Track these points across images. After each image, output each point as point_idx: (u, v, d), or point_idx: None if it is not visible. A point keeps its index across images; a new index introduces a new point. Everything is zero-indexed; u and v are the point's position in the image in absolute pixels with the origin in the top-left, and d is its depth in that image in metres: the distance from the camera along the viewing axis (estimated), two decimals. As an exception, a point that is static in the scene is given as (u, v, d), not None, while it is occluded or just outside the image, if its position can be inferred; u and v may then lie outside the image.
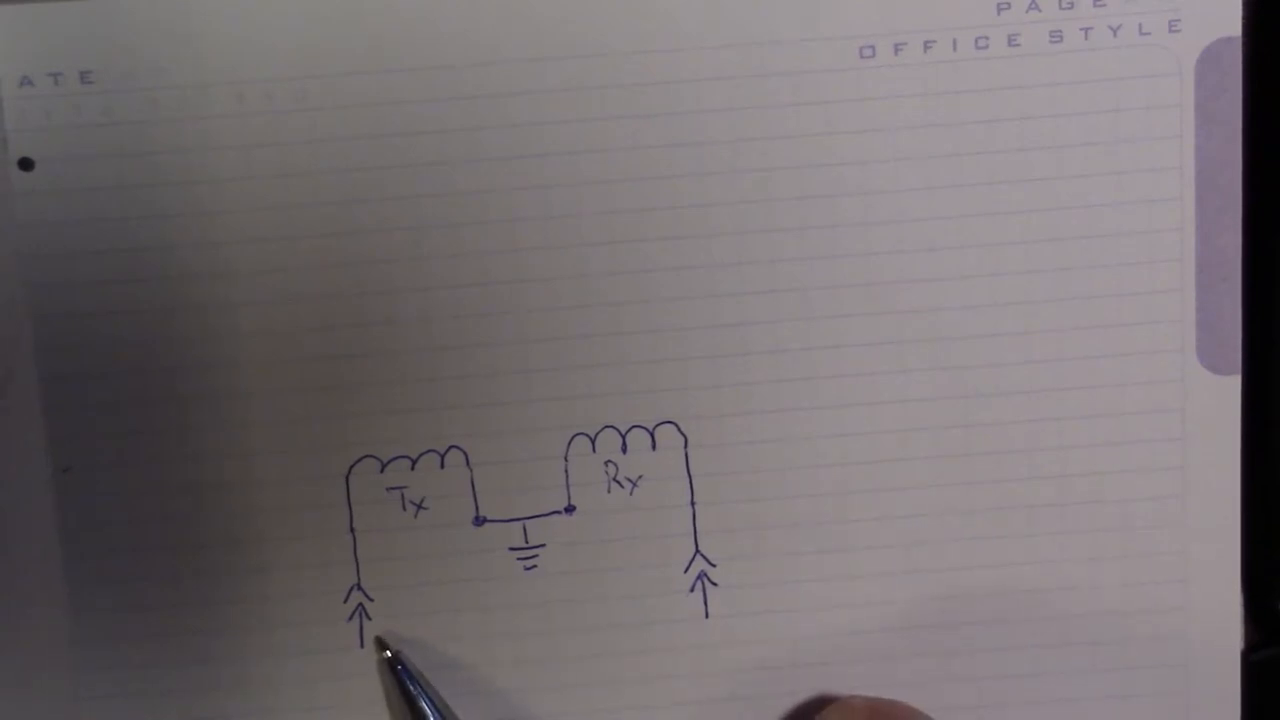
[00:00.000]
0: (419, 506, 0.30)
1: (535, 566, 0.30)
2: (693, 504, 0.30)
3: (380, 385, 0.30)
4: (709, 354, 0.30)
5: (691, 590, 0.31)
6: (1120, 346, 0.30)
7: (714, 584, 0.31)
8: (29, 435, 0.29)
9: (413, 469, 0.30)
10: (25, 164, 0.29)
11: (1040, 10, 0.29)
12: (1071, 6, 0.29)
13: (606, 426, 0.30)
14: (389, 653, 0.30)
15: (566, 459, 0.30)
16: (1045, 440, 0.30)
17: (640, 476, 0.30)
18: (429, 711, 0.30)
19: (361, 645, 0.30)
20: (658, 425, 0.30)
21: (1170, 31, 0.29)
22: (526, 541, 0.30)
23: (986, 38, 0.29)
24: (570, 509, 0.30)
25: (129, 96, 0.29)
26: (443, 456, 0.30)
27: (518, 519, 0.30)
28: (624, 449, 0.30)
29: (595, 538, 0.30)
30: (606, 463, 0.30)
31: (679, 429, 0.30)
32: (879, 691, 0.31)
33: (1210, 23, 0.29)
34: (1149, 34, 0.29)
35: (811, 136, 0.29)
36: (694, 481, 0.30)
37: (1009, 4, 0.29)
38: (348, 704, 0.31)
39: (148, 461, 0.30)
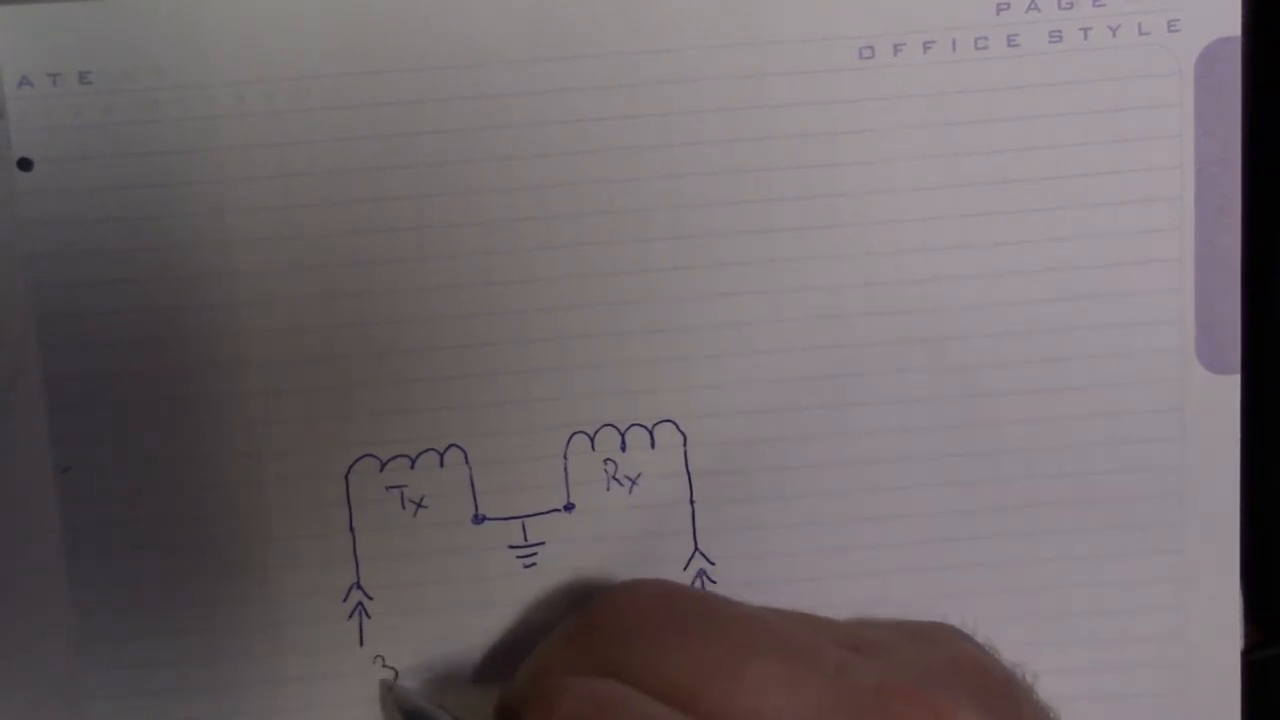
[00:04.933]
0: (418, 505, 0.30)
1: (534, 564, 0.31)
2: (692, 502, 0.30)
3: (380, 384, 0.30)
4: (708, 353, 0.30)
5: (691, 589, 0.31)
6: (1120, 346, 0.30)
7: (713, 582, 0.31)
8: (34, 435, 0.29)
9: (412, 468, 0.30)
10: (24, 164, 0.29)
11: (1040, 10, 0.29)
12: (1071, 6, 0.29)
13: (605, 425, 0.30)
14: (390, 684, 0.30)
15: (566, 457, 0.30)
16: (1045, 440, 0.30)
17: (639, 475, 0.30)
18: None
19: (361, 644, 0.30)
20: (657, 424, 0.30)
21: (1170, 31, 0.29)
22: (526, 539, 0.30)
23: (986, 38, 0.29)
24: (569, 507, 0.30)
25: (128, 96, 0.29)
26: (442, 455, 0.30)
27: (517, 517, 0.30)
28: (623, 447, 0.30)
29: (594, 536, 0.30)
30: (605, 461, 0.30)
31: (678, 427, 0.30)
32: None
33: (1210, 23, 0.29)
34: (1148, 34, 0.29)
35: (811, 136, 0.29)
36: (693, 480, 0.30)
37: (1008, 4, 0.29)
38: (348, 702, 0.31)
39: (149, 461, 0.30)
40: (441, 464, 0.30)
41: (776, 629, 0.25)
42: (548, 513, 0.30)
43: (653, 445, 0.30)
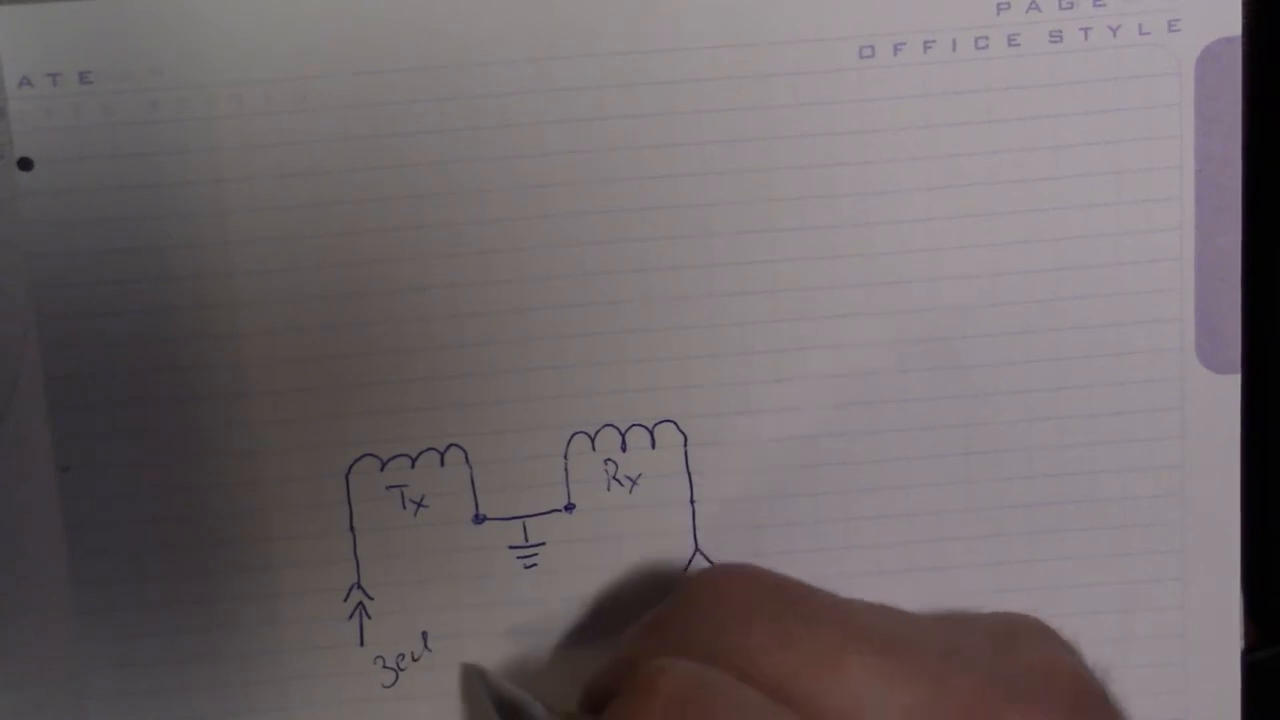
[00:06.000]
0: (419, 505, 0.30)
1: (535, 564, 0.31)
2: (692, 502, 0.30)
3: (380, 385, 0.30)
4: (709, 353, 0.30)
5: (691, 589, 0.31)
6: (1120, 346, 0.30)
7: (714, 582, 0.31)
8: (35, 435, 0.29)
9: (412, 467, 0.30)
10: (25, 164, 0.29)
11: (1040, 10, 0.29)
12: (1071, 6, 0.29)
13: (606, 425, 0.30)
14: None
15: (566, 457, 0.30)
16: (1045, 439, 0.30)
17: (640, 475, 0.30)
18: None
19: (361, 643, 0.30)
20: (657, 424, 0.30)
21: (1170, 31, 0.29)
22: (526, 539, 0.30)
23: (986, 38, 0.29)
24: (570, 507, 0.30)
25: (128, 97, 0.29)
26: (442, 455, 0.30)
27: (517, 517, 0.30)
28: (623, 447, 0.30)
29: (595, 536, 0.30)
30: (606, 461, 0.30)
31: (678, 427, 0.30)
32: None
33: (1210, 23, 0.29)
34: (1149, 34, 0.29)
35: (811, 136, 0.29)
36: (693, 480, 0.30)
37: (1009, 4, 0.29)
38: (349, 701, 0.31)
39: (150, 461, 0.30)
40: (442, 464, 0.30)
41: (873, 623, 0.25)
42: (548, 513, 0.30)
43: (653, 445, 0.30)
